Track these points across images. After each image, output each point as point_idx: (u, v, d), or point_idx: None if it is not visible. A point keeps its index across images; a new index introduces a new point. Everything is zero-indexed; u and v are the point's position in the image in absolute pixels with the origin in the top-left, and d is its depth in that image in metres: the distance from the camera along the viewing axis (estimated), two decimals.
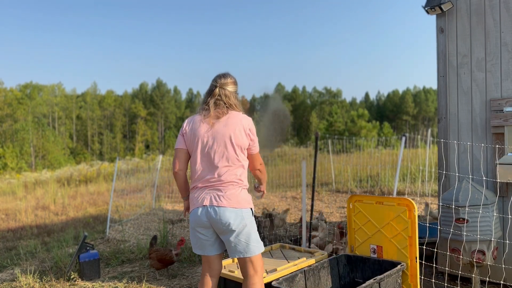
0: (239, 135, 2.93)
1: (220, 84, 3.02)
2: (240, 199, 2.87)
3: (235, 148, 2.92)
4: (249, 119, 3.05)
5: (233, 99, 3.02)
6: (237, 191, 2.89)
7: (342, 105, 69.34)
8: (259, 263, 2.93)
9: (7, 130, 46.43)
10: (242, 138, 2.94)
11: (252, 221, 2.92)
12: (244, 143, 2.96)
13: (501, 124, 3.79)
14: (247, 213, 2.88)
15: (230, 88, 3.04)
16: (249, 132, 2.98)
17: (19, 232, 8.68)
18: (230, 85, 3.05)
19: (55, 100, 61.35)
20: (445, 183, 4.16)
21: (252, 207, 2.94)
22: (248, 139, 2.97)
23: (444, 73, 4.19)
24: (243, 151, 2.97)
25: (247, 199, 2.92)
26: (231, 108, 3.00)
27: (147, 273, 5.08)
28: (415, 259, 3.38)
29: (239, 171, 2.94)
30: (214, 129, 2.93)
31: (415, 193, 9.51)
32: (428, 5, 4.14)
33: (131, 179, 14.08)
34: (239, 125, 2.94)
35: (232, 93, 3.04)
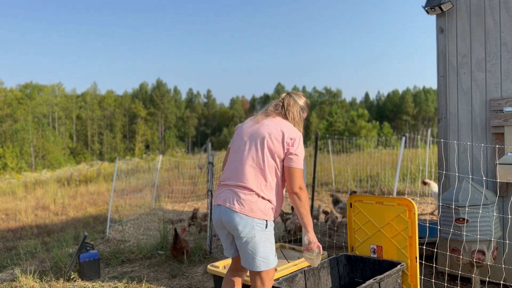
0: (275, 139, 2.70)
1: (291, 92, 2.94)
2: (254, 207, 2.63)
3: (265, 152, 2.69)
4: (297, 131, 2.80)
5: (295, 112, 2.86)
6: (254, 198, 2.64)
7: (342, 105, 69.34)
8: (267, 276, 2.70)
9: (7, 130, 46.43)
10: (277, 144, 2.69)
11: (264, 234, 2.64)
12: (278, 150, 2.69)
13: (501, 124, 3.79)
14: (259, 224, 2.62)
15: (298, 100, 2.90)
16: (288, 141, 2.70)
17: (19, 232, 8.68)
18: (300, 98, 2.92)
19: (55, 100, 61.36)
20: (445, 183, 4.16)
21: (268, 219, 2.67)
22: (284, 147, 2.69)
23: (444, 73, 4.19)
24: (276, 160, 2.71)
25: (264, 210, 2.65)
26: (286, 116, 2.83)
27: (147, 273, 5.08)
28: (415, 259, 3.38)
29: (263, 180, 2.68)
30: (255, 126, 2.78)
31: (415, 193, 9.51)
32: (428, 5, 4.14)
33: (131, 179, 14.09)
34: (279, 129, 2.72)
35: (297, 106, 2.88)
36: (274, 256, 2.70)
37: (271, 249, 2.68)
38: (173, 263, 5.39)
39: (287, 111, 2.84)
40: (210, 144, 6.17)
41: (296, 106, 2.88)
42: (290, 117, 2.84)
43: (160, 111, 70.32)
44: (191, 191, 11.36)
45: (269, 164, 2.69)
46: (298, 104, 2.90)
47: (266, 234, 2.65)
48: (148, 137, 64.89)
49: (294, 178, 2.68)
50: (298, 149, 2.71)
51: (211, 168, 5.97)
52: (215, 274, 3.83)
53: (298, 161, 2.71)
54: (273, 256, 2.69)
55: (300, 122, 2.90)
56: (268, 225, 2.66)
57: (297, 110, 2.88)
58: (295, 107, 2.87)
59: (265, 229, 2.64)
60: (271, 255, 2.67)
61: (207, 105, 78.73)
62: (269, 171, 2.69)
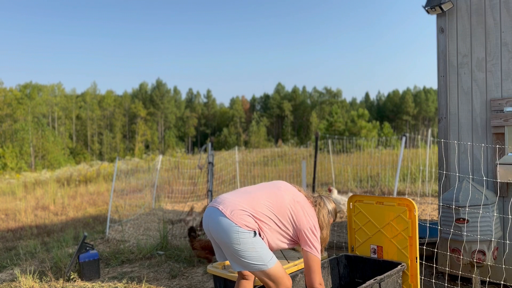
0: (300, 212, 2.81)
1: (323, 195, 3.08)
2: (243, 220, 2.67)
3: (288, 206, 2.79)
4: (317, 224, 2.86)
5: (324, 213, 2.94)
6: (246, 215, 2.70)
7: (342, 105, 69.36)
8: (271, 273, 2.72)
9: (6, 130, 46.42)
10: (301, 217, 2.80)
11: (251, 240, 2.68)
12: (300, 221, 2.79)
13: (502, 124, 3.79)
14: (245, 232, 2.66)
15: (328, 204, 3.03)
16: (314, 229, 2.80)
17: (18, 232, 8.67)
18: (330, 203, 3.05)
19: (55, 100, 61.33)
20: (445, 183, 4.16)
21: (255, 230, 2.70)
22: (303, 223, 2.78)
23: (444, 73, 4.18)
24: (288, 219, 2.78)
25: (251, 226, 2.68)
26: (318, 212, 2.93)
27: (147, 273, 5.07)
28: (415, 259, 3.37)
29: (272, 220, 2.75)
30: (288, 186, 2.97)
31: (416, 193, 9.50)
32: (428, 5, 4.14)
33: (131, 179, 14.08)
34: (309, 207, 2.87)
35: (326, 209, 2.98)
36: (269, 258, 2.69)
37: (262, 252, 2.67)
38: (173, 263, 5.39)
39: (319, 212, 2.94)
40: (210, 144, 6.17)
41: (325, 209, 2.98)
42: (321, 218, 2.92)
43: (160, 111, 70.31)
44: (191, 191, 11.35)
45: (286, 218, 2.79)
46: (327, 207, 3.00)
47: (254, 241, 2.66)
48: (148, 137, 64.86)
49: (312, 270, 2.74)
50: (318, 237, 2.80)
51: (211, 168, 5.96)
52: (215, 274, 3.82)
53: (317, 250, 2.77)
54: (268, 257, 2.68)
55: (327, 226, 2.97)
56: (256, 234, 2.69)
57: (326, 213, 2.96)
58: (324, 209, 2.97)
59: (253, 237, 2.65)
60: (266, 257, 2.68)
61: (207, 105, 78.71)
62: (282, 218, 2.78)
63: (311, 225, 2.78)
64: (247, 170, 13.57)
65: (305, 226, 2.76)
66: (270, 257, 2.70)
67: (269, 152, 22.95)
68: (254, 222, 2.69)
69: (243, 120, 72.82)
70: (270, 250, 2.80)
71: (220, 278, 3.75)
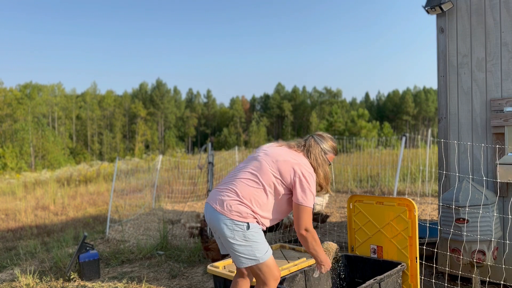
0: (286, 165, 2.72)
1: (314, 134, 2.97)
2: (234, 209, 2.67)
3: (270, 171, 2.72)
4: (311, 169, 2.77)
5: (316, 153, 2.84)
6: (235, 203, 2.68)
7: (342, 105, 69.39)
8: (262, 270, 2.70)
9: (6, 130, 46.43)
10: (287, 171, 2.71)
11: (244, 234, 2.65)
12: (286, 177, 2.71)
13: (501, 124, 3.79)
14: (239, 225, 2.65)
15: (321, 143, 2.90)
16: (301, 177, 2.69)
17: (19, 232, 8.67)
18: (324, 140, 2.92)
19: (55, 100, 61.35)
20: (445, 183, 4.16)
21: (249, 222, 2.66)
22: (291, 178, 2.70)
23: (444, 73, 4.18)
24: (277, 183, 2.72)
25: (244, 215, 2.66)
26: (308, 156, 2.84)
27: (147, 273, 5.08)
28: (415, 259, 3.37)
29: (257, 197, 2.70)
30: (273, 148, 2.84)
31: (415, 193, 9.50)
32: (428, 5, 4.14)
33: (131, 179, 14.08)
34: (296, 159, 2.76)
35: (319, 148, 2.87)
36: (262, 253, 2.66)
37: (255, 247, 2.64)
38: (173, 263, 5.39)
39: (309, 152, 2.85)
40: (210, 144, 6.17)
41: (317, 148, 2.87)
42: (312, 158, 2.83)
43: (160, 111, 70.33)
44: (191, 191, 11.35)
45: (270, 183, 2.71)
46: (320, 146, 2.89)
47: (247, 234, 2.64)
48: (148, 137, 64.88)
49: (299, 216, 2.69)
50: (309, 186, 2.70)
51: (211, 168, 5.96)
52: (215, 274, 3.82)
53: (308, 199, 2.69)
54: (260, 253, 2.65)
55: (323, 164, 2.87)
56: (251, 226, 2.64)
57: (319, 152, 2.86)
58: (317, 149, 2.87)
59: (246, 230, 2.63)
60: (258, 252, 2.65)
61: (207, 105, 78.73)
62: (269, 191, 2.71)
63: (298, 174, 2.70)
64: None
65: (290, 180, 2.70)
66: (264, 251, 2.67)
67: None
68: (245, 208, 2.66)
69: (243, 120, 72.84)
70: (282, 216, 2.83)
71: (220, 278, 3.74)
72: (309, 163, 2.81)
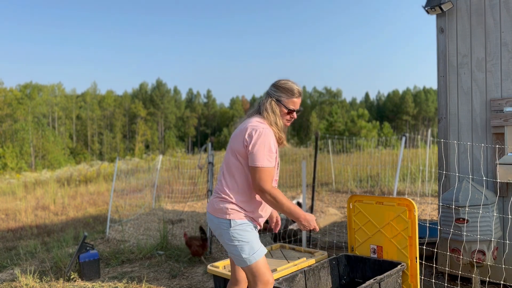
0: (238, 137, 2.57)
1: (272, 84, 2.72)
2: (216, 207, 2.63)
3: (229, 152, 2.62)
4: (257, 124, 2.55)
5: (266, 103, 2.63)
6: (217, 199, 2.64)
7: (342, 105, 69.39)
8: (251, 271, 2.60)
9: (7, 130, 46.44)
10: (238, 142, 2.57)
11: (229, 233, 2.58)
12: (239, 148, 2.56)
13: (501, 124, 3.79)
14: (223, 223, 2.59)
15: (270, 89, 2.68)
16: (247, 137, 2.51)
17: (19, 232, 8.67)
18: (273, 86, 2.68)
19: (55, 100, 61.36)
20: (445, 183, 4.16)
21: (232, 218, 2.57)
22: (243, 144, 2.53)
23: (444, 73, 4.19)
24: (239, 159, 2.57)
25: (226, 211, 2.58)
26: (260, 112, 2.65)
27: (147, 273, 5.08)
28: (415, 259, 3.37)
29: (229, 182, 2.61)
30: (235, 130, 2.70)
31: (415, 193, 9.50)
32: (428, 5, 4.14)
33: (131, 179, 14.08)
34: (245, 125, 2.57)
35: (268, 96, 2.66)
36: (249, 254, 2.55)
37: (241, 247, 2.56)
38: (173, 263, 5.39)
39: (260, 108, 2.65)
40: (210, 144, 6.17)
41: (268, 99, 2.65)
42: (263, 112, 2.62)
43: (160, 111, 70.34)
44: (191, 191, 11.36)
45: (233, 164, 2.59)
46: (268, 93, 2.67)
47: (232, 233, 2.56)
48: (148, 137, 64.89)
49: (253, 179, 2.51)
50: (256, 145, 2.47)
51: (211, 168, 5.96)
52: (215, 274, 3.82)
53: (257, 159, 2.47)
54: (246, 254, 2.55)
55: (273, 113, 2.62)
56: (232, 224, 2.55)
57: (268, 101, 2.63)
58: (267, 101, 2.64)
59: (229, 228, 2.55)
60: (243, 252, 2.55)
61: (207, 105, 78.74)
62: (235, 172, 2.58)
63: (245, 138, 2.51)
64: None
65: (243, 148, 2.53)
66: (250, 252, 2.56)
67: None
68: (227, 203, 2.58)
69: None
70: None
71: (220, 278, 3.75)
72: (262, 120, 2.59)
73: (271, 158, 2.51)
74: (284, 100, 2.64)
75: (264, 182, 2.47)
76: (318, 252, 4.16)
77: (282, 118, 2.65)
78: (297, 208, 2.59)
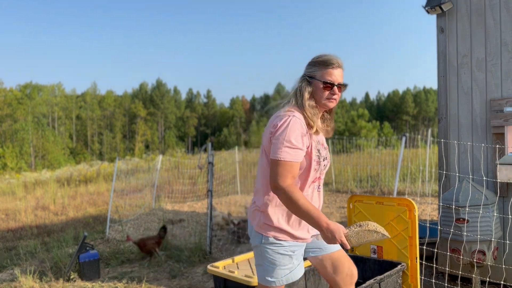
0: (265, 134, 2.19)
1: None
2: (250, 216, 2.28)
3: (260, 152, 2.24)
4: (281, 113, 2.14)
5: (297, 87, 2.22)
6: (252, 208, 2.28)
7: (342, 105, 69.31)
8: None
9: (7, 130, 46.43)
10: (265, 138, 2.18)
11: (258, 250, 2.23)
12: (266, 145, 2.17)
13: (502, 124, 3.79)
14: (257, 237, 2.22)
15: (305, 70, 2.25)
16: (271, 129, 2.12)
17: (19, 232, 8.67)
18: (307, 65, 2.24)
19: (55, 100, 61.34)
20: (445, 183, 4.16)
21: (264, 234, 2.18)
22: (269, 139, 2.14)
23: (444, 73, 4.18)
24: (268, 158, 2.17)
25: (258, 223, 2.21)
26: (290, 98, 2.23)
27: (147, 273, 5.07)
28: (415, 259, 3.37)
29: (258, 186, 2.24)
30: None
31: (415, 193, 9.50)
32: (428, 5, 4.14)
33: (131, 179, 14.08)
34: (270, 122, 2.19)
35: (301, 79, 2.23)
36: (272, 277, 2.19)
37: (266, 270, 2.20)
38: (173, 263, 5.39)
39: (292, 92, 2.25)
40: (210, 144, 6.16)
41: (298, 81, 2.23)
42: (291, 97, 2.23)
43: (160, 111, 70.32)
44: (191, 191, 11.35)
45: (263, 165, 2.21)
46: (302, 76, 2.24)
47: (261, 250, 2.20)
48: (148, 137, 64.88)
49: (270, 174, 2.10)
50: (277, 135, 2.07)
51: (211, 168, 5.96)
52: (215, 274, 3.82)
53: (276, 150, 2.06)
54: (270, 277, 2.19)
55: (301, 95, 2.17)
56: (263, 240, 2.18)
57: (299, 83, 2.22)
58: (298, 83, 2.23)
59: (260, 244, 2.20)
60: (267, 276, 2.20)
61: (207, 105, 78.72)
62: (266, 174, 2.17)
63: (270, 129, 2.14)
64: (247, 170, 13.58)
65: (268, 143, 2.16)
66: (276, 278, 2.19)
67: None
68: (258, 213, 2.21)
69: (243, 120, 72.80)
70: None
71: (220, 278, 3.74)
72: (291, 108, 2.17)
73: (294, 151, 2.06)
74: (318, 74, 2.17)
75: (280, 177, 2.04)
76: None
77: (320, 97, 2.17)
78: (319, 213, 2.04)
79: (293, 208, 2.04)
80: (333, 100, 2.19)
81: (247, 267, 3.82)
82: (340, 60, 2.20)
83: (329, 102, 2.19)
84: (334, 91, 2.17)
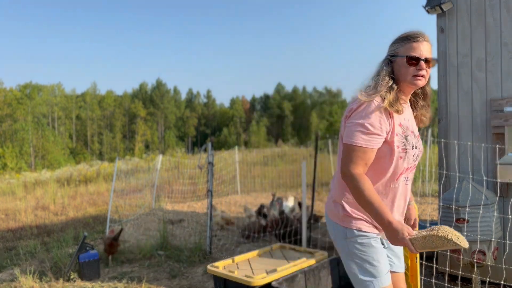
0: (342, 121, 2.06)
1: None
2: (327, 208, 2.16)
3: (340, 142, 2.09)
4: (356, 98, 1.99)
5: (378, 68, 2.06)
6: (329, 200, 2.16)
7: (342, 105, 69.32)
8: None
9: (6, 130, 46.44)
10: (342, 126, 2.04)
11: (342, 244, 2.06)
12: (343, 130, 2.03)
13: (502, 124, 3.79)
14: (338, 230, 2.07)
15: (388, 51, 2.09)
16: (347, 113, 2.00)
17: (18, 232, 8.67)
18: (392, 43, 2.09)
19: (54, 100, 61.36)
20: (445, 183, 4.16)
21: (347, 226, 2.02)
22: (344, 122, 2.02)
23: (444, 73, 4.18)
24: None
25: (337, 215, 2.06)
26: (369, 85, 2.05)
27: (147, 273, 5.07)
28: (415, 259, 3.37)
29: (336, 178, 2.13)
30: None
31: (415, 193, 9.50)
32: (428, 5, 4.14)
33: (131, 179, 14.07)
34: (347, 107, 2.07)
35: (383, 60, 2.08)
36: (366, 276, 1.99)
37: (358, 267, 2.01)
38: (173, 263, 5.39)
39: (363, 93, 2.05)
40: (210, 144, 6.16)
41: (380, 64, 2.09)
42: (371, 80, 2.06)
43: (160, 111, 70.34)
44: (191, 191, 11.35)
45: (339, 153, 2.07)
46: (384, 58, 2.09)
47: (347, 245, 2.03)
48: (148, 137, 64.91)
49: (342, 158, 1.96)
50: (351, 118, 1.95)
51: (211, 168, 5.96)
52: (215, 274, 3.82)
53: (348, 134, 1.93)
54: (363, 275, 1.99)
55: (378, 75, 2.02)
56: (348, 234, 2.01)
57: (381, 64, 2.07)
58: (379, 66, 2.08)
59: (345, 238, 2.03)
60: (360, 274, 2.00)
61: (207, 105, 78.73)
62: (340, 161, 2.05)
63: (345, 114, 2.03)
64: (247, 170, 13.59)
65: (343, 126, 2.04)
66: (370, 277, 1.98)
67: (269, 152, 22.90)
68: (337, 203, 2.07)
69: (243, 120, 72.84)
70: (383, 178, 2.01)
71: (220, 278, 3.74)
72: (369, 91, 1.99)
73: (369, 137, 1.90)
74: (401, 50, 1.99)
75: (351, 163, 1.90)
76: (318, 252, 4.16)
77: (405, 75, 1.97)
78: (384, 209, 1.85)
79: (358, 197, 1.89)
80: (420, 78, 1.96)
81: (247, 267, 3.82)
82: (425, 34, 2.01)
83: (415, 80, 1.96)
84: (420, 66, 1.95)
